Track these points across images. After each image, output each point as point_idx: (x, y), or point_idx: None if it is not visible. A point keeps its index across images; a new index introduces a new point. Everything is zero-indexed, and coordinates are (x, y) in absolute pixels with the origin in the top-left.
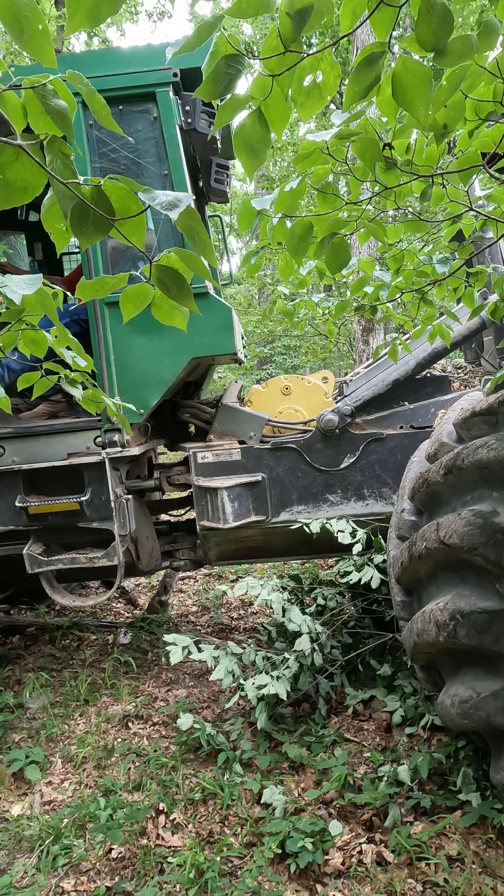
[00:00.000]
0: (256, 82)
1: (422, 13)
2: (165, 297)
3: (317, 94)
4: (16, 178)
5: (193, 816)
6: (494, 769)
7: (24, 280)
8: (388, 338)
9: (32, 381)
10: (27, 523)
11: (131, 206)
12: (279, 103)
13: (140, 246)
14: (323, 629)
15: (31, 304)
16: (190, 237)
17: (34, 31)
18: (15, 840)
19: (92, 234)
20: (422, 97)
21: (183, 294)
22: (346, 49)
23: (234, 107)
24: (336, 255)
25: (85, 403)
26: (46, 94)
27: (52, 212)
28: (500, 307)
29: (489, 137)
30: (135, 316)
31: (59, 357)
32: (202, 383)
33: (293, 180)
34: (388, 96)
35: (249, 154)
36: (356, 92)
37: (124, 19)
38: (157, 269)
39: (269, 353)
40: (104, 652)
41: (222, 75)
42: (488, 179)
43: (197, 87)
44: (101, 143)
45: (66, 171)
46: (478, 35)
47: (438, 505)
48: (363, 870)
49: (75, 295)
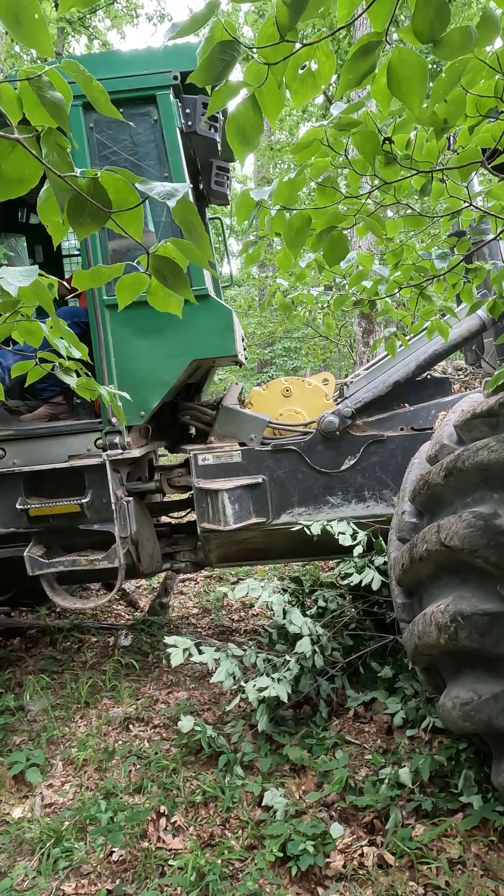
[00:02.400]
0: (251, 69)
1: (418, 4)
2: (161, 285)
3: (311, 81)
4: (11, 171)
5: (194, 819)
6: (496, 771)
7: (21, 272)
8: (387, 332)
9: (26, 370)
10: (28, 525)
11: (129, 197)
12: (273, 90)
13: (138, 237)
14: (324, 631)
15: (26, 296)
16: (187, 229)
17: (30, 20)
18: (16, 843)
19: (88, 225)
20: (417, 88)
21: (179, 283)
22: (344, 38)
23: (228, 93)
24: (334, 249)
25: (79, 390)
26: (42, 86)
27: (49, 204)
28: (499, 304)
29: (489, 133)
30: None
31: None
32: (203, 385)
33: (292, 171)
34: (382, 85)
35: (241, 139)
36: (350, 80)
37: (125, 21)
38: (154, 258)
39: (270, 356)
40: (105, 654)
41: (217, 61)
42: (488, 178)
43: (196, 90)
44: (101, 145)
45: (62, 163)
46: (477, 26)
47: (439, 507)
48: (364, 872)
49: (72, 284)
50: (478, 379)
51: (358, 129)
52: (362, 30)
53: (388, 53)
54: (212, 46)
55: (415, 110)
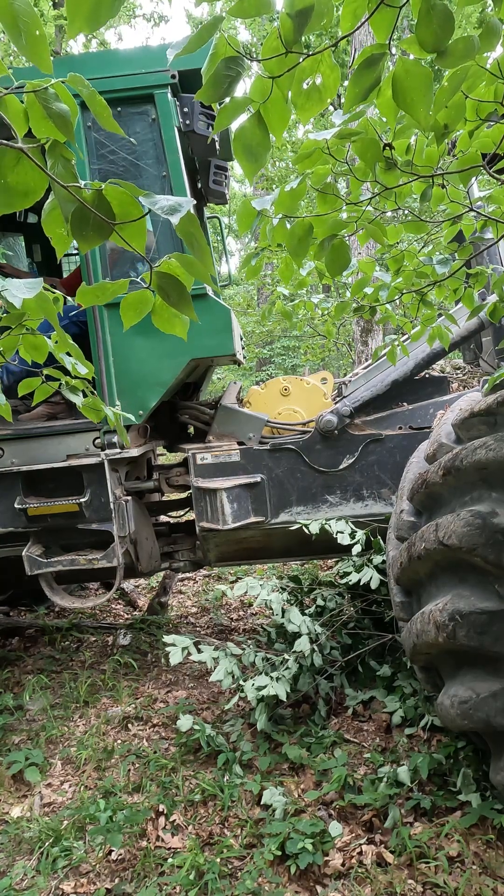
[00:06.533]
0: (256, 85)
1: (422, 14)
2: (166, 304)
3: (316, 96)
4: (17, 183)
5: (193, 818)
6: (494, 770)
7: (25, 284)
8: (387, 339)
9: (33, 388)
10: (26, 525)
11: (132, 210)
12: (278, 106)
13: (141, 251)
14: (322, 630)
15: (31, 308)
16: (189, 243)
17: (31, 35)
18: (15, 842)
19: (92, 238)
20: (422, 99)
21: (182, 301)
22: (344, 51)
23: (233, 109)
24: (336, 258)
25: (85, 411)
26: (48, 98)
27: (53, 216)
28: (500, 308)
29: (489, 138)
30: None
31: (58, 362)
32: (201, 384)
33: (293, 180)
34: (388, 98)
35: (249, 157)
36: (356, 94)
37: (122, 22)
38: (157, 275)
39: (269, 355)
40: (104, 653)
41: (223, 78)
42: (487, 180)
43: (195, 89)
44: (99, 144)
45: (67, 175)
46: (479, 36)
47: (437, 506)
48: (363, 871)
49: (75, 301)
50: (476, 378)
51: (359, 138)
52: (360, 38)
53: (392, 64)
54: (217, 63)
55: (420, 121)
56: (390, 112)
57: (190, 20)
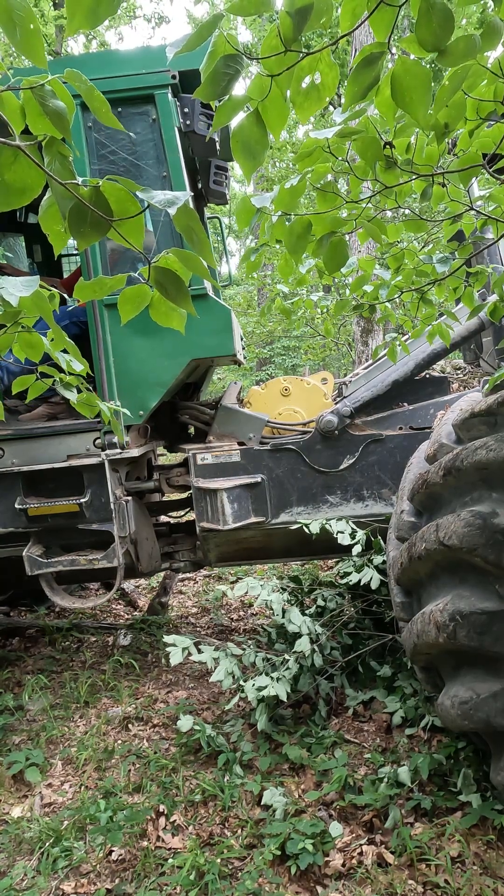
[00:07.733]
0: (255, 83)
1: (422, 13)
2: (163, 298)
3: (315, 95)
4: (14, 180)
5: (194, 818)
6: (495, 770)
7: (22, 282)
8: (388, 338)
9: (27, 385)
10: (27, 525)
11: (129, 206)
12: (277, 104)
13: (138, 247)
14: (323, 630)
15: (27, 307)
16: (188, 237)
17: (26, 30)
18: (15, 842)
19: (90, 234)
20: (421, 99)
21: (180, 296)
22: (344, 51)
23: (232, 108)
24: (334, 255)
25: (79, 407)
26: (45, 95)
27: (51, 213)
28: (500, 307)
29: (489, 137)
30: (134, 318)
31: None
32: (202, 385)
33: (293, 178)
34: (387, 97)
35: (247, 156)
36: (355, 93)
37: (122, 22)
38: (155, 270)
39: (269, 355)
40: (104, 654)
41: (221, 75)
42: (488, 179)
43: (195, 89)
44: (99, 145)
45: (64, 172)
46: (481, 35)
47: (438, 506)
48: (364, 871)
49: (73, 296)
50: (476, 378)
51: (359, 136)
52: (360, 38)
53: (391, 63)
54: (215, 60)
55: (419, 120)
56: (389, 111)
57: (191, 20)
